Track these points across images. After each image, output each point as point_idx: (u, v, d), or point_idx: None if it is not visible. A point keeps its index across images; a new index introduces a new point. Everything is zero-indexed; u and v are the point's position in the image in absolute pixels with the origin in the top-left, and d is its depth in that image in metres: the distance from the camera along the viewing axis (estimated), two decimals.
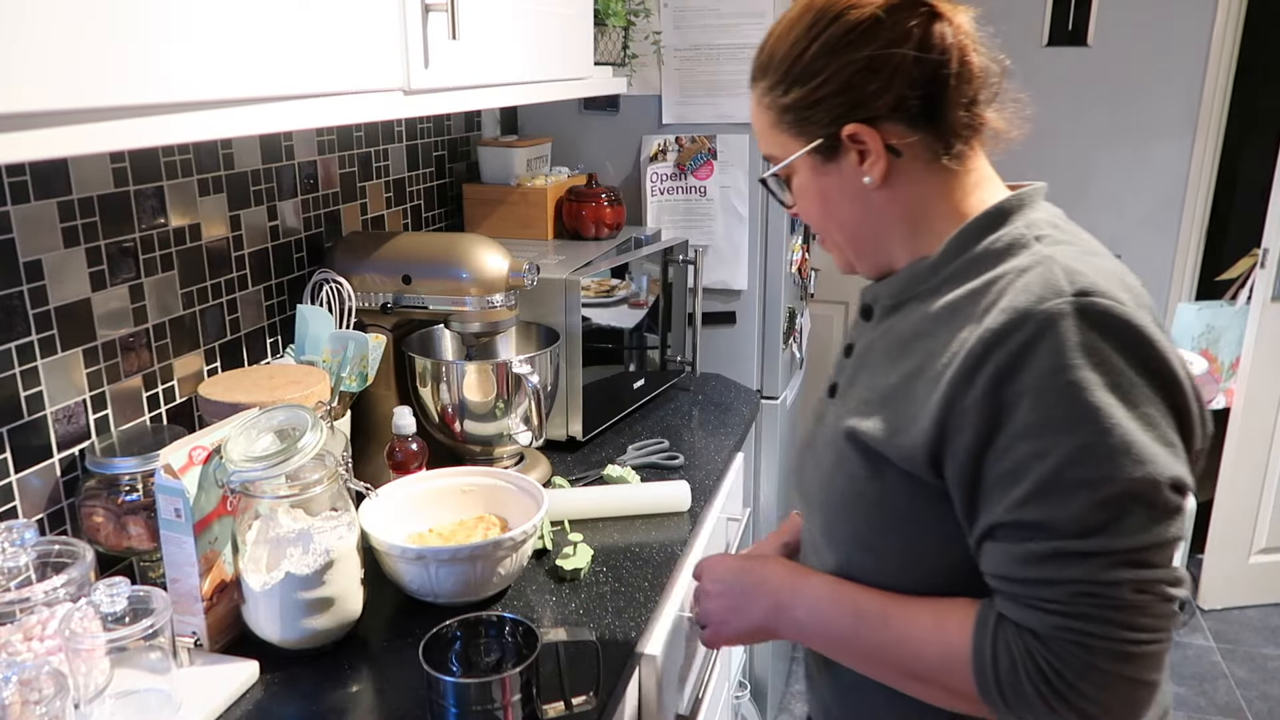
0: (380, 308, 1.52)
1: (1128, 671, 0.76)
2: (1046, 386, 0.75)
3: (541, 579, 1.31)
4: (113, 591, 0.96)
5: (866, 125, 0.87)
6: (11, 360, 1.09)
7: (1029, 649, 0.79)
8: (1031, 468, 0.76)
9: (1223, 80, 3.02)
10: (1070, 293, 0.77)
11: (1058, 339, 0.75)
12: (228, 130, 0.85)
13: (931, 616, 0.86)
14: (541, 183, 2.02)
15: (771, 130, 0.93)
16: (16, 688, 0.85)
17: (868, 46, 0.85)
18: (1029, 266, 0.82)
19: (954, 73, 0.87)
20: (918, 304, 0.90)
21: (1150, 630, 0.76)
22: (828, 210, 0.94)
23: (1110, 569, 0.75)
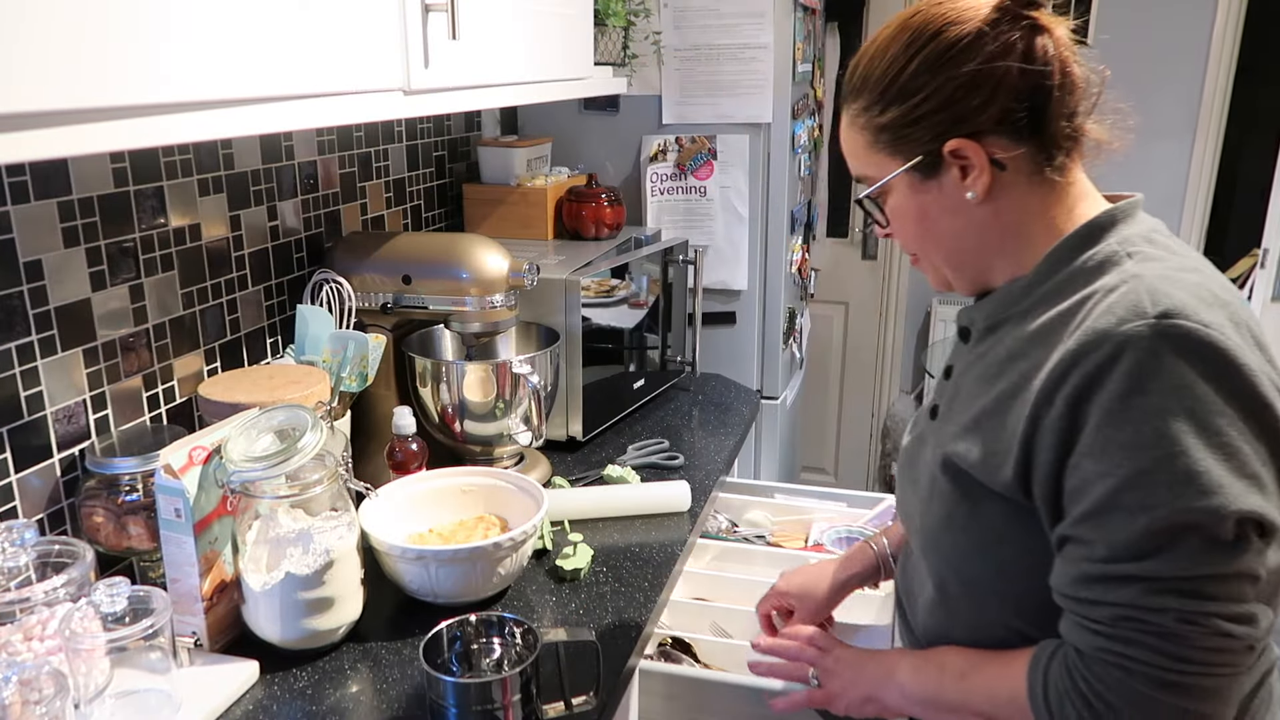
0: (380, 308, 1.52)
1: (1171, 699, 0.75)
2: (1116, 408, 0.75)
3: (541, 579, 1.31)
4: (113, 591, 0.96)
5: (970, 140, 0.86)
6: (11, 360, 1.09)
7: (1072, 672, 0.79)
8: (1093, 486, 0.76)
9: (1223, 80, 3.03)
10: (1152, 315, 0.75)
11: (1135, 360, 0.74)
12: (228, 130, 0.85)
13: (1003, 662, 0.88)
14: (541, 183, 2.02)
15: (867, 151, 0.92)
16: (16, 688, 0.85)
17: (970, 62, 0.84)
18: (1116, 286, 0.80)
19: (1056, 84, 0.87)
20: (1012, 325, 0.89)
21: (1198, 662, 0.74)
22: (926, 228, 0.92)
23: (1155, 595, 0.74)
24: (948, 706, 0.93)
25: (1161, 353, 0.74)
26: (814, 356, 3.36)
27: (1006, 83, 0.85)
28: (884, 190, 0.92)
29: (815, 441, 3.58)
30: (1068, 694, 0.79)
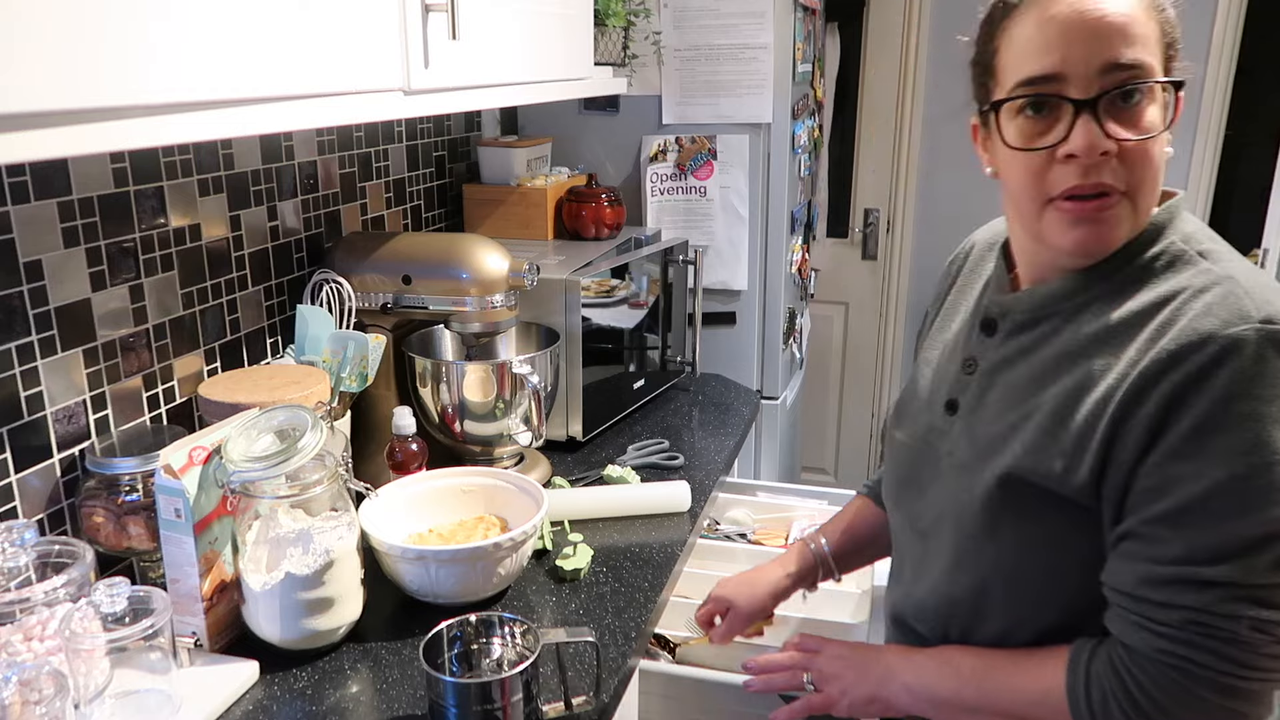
0: (380, 308, 1.52)
1: (1228, 703, 0.75)
2: (1218, 411, 0.73)
3: (541, 579, 1.31)
4: (113, 592, 0.96)
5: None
6: (11, 360, 1.09)
7: (1120, 672, 0.78)
8: (1181, 486, 0.74)
9: (1223, 80, 3.03)
10: (1257, 319, 0.74)
11: (1240, 365, 0.73)
12: (228, 130, 0.85)
13: (1036, 661, 0.86)
14: (541, 183, 2.02)
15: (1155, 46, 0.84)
16: (16, 688, 0.85)
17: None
18: (1207, 286, 0.78)
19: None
20: (1063, 321, 0.85)
21: (1259, 669, 0.74)
22: (1161, 162, 0.83)
23: (1231, 602, 0.73)
24: (965, 707, 0.91)
25: (1267, 358, 0.73)
26: (814, 356, 3.35)
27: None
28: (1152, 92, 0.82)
29: (815, 442, 3.58)
30: (1113, 694, 0.78)
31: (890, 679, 0.97)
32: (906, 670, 0.96)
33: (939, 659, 0.95)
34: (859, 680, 1.00)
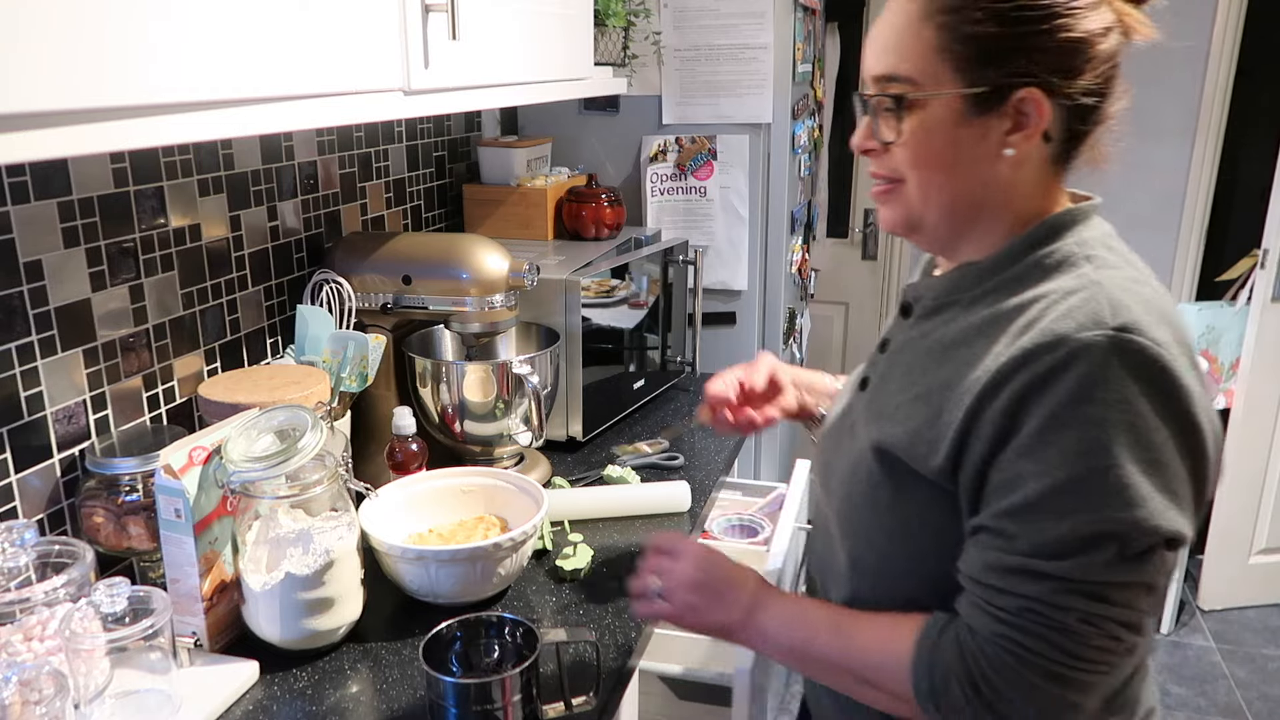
0: (380, 308, 1.52)
1: (1055, 690, 0.78)
2: (1063, 413, 0.75)
3: (541, 579, 1.31)
4: (113, 592, 0.96)
5: (1046, 97, 0.81)
6: (11, 360, 1.09)
7: (964, 654, 0.80)
8: (1025, 484, 0.77)
9: (1223, 80, 3.03)
10: (1111, 326, 0.76)
11: (1086, 370, 0.75)
12: (228, 131, 0.85)
13: (885, 627, 0.88)
14: (541, 183, 2.02)
15: (929, 52, 0.82)
16: (16, 688, 0.85)
17: (1089, 22, 0.80)
18: (1075, 290, 0.80)
19: (1116, 87, 0.85)
20: (960, 310, 0.88)
21: (1087, 660, 0.77)
22: (944, 163, 0.85)
23: (1064, 595, 0.76)
24: (811, 658, 0.91)
25: (1112, 365, 0.75)
26: (814, 356, 3.36)
27: (1099, 59, 0.82)
28: (920, 102, 0.83)
29: None
30: (954, 673, 0.80)
31: (747, 618, 0.95)
32: (761, 612, 0.95)
33: (797, 606, 0.95)
34: (710, 607, 0.97)
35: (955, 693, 0.80)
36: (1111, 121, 0.87)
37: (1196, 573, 3.10)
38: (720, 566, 0.99)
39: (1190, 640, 2.93)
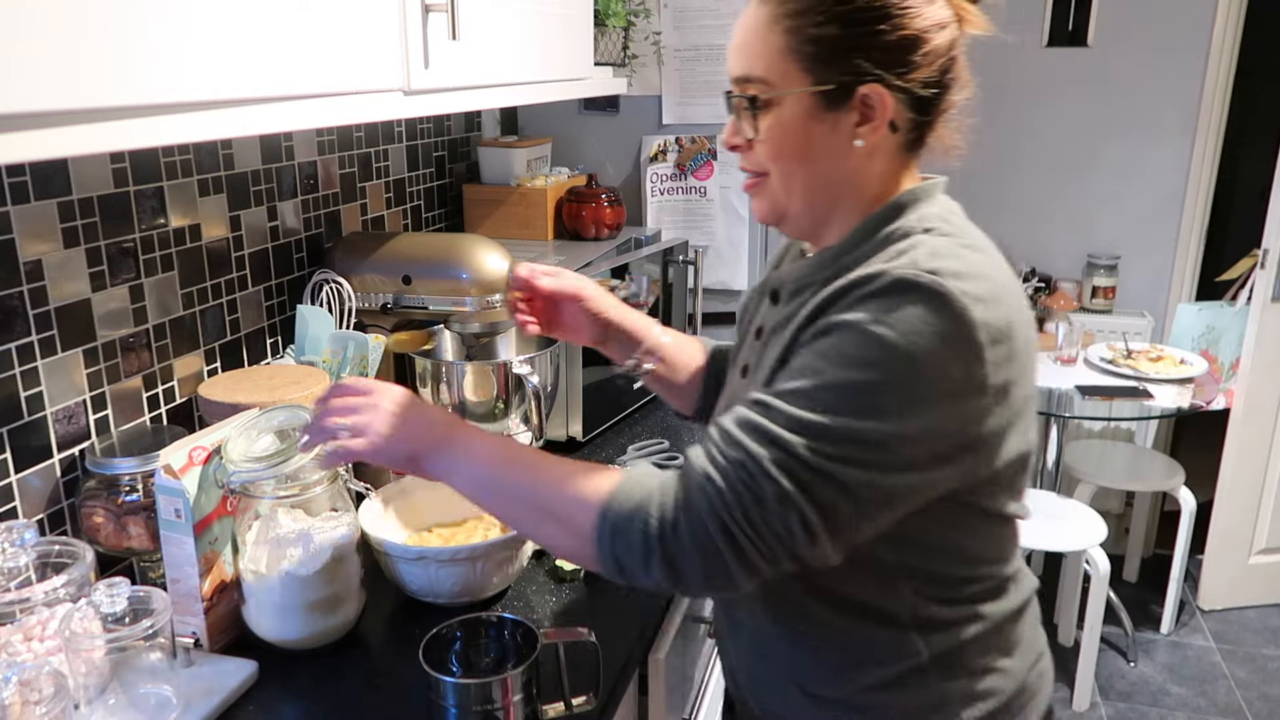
0: (380, 308, 1.52)
1: (725, 551, 0.80)
2: (857, 325, 0.80)
3: (541, 579, 1.31)
4: (113, 592, 0.96)
5: (888, 91, 0.86)
6: (11, 360, 1.09)
7: (663, 488, 0.83)
8: (804, 375, 0.82)
9: (1223, 80, 3.02)
10: (924, 268, 0.81)
11: (889, 298, 0.80)
12: (228, 131, 0.85)
13: (597, 469, 0.90)
14: (541, 183, 2.02)
15: (778, 55, 0.88)
16: (16, 688, 0.85)
17: (923, 19, 0.86)
18: (905, 250, 0.86)
19: (956, 77, 0.90)
20: (817, 289, 0.92)
21: (761, 536, 0.80)
22: (802, 158, 0.91)
23: (779, 466, 0.79)
24: (504, 489, 0.91)
25: (914, 298, 0.79)
26: None
27: (937, 52, 0.87)
28: (774, 101, 0.89)
29: None
30: (646, 508, 0.82)
31: (437, 447, 0.93)
32: (457, 440, 0.94)
33: (497, 439, 0.95)
34: (400, 436, 0.94)
35: (636, 524, 0.82)
36: (954, 111, 0.92)
37: (1196, 573, 3.10)
38: (411, 398, 0.98)
39: (1190, 640, 2.93)
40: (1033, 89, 3.20)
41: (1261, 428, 2.90)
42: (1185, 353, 2.87)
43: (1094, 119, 3.17)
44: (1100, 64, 3.11)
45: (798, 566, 0.83)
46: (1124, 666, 2.80)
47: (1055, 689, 2.78)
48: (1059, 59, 3.16)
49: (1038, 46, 3.17)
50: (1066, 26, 3.12)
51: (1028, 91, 3.21)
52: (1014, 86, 3.21)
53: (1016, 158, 3.27)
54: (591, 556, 0.85)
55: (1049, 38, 3.15)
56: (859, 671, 0.93)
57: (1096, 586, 2.49)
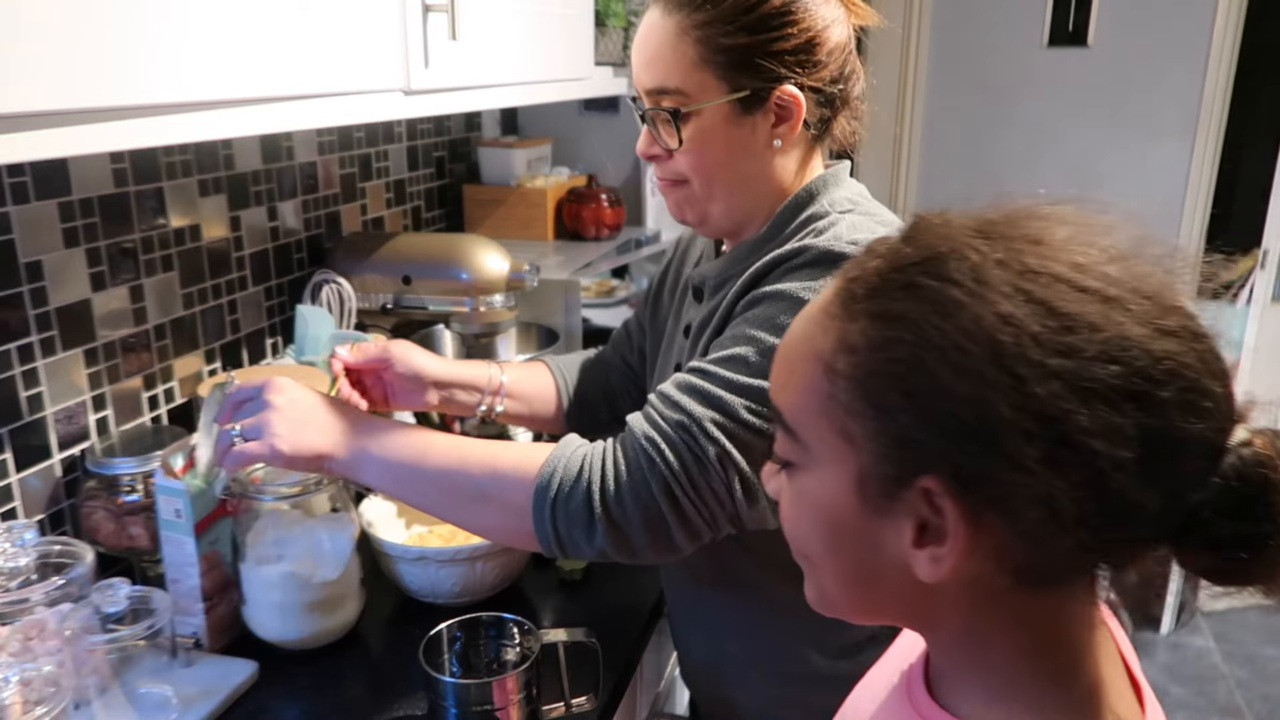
0: (380, 308, 1.52)
1: (667, 512, 0.82)
2: (786, 295, 0.83)
3: (541, 579, 1.31)
4: (113, 592, 0.96)
5: (799, 91, 0.89)
6: (12, 361, 1.09)
7: (604, 454, 0.84)
8: (736, 343, 0.84)
9: (1223, 80, 3.02)
10: (845, 240, 0.85)
11: (815, 268, 0.84)
12: (229, 130, 0.85)
13: (510, 446, 0.90)
14: (541, 183, 2.02)
15: (691, 66, 0.88)
16: (16, 688, 0.85)
17: (823, 18, 0.89)
18: (824, 229, 0.89)
19: (854, 70, 0.94)
20: (734, 283, 0.93)
21: (701, 496, 0.81)
22: (724, 163, 0.92)
23: (719, 428, 0.81)
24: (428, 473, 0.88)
25: (832, 267, 0.83)
26: None
27: (840, 49, 0.91)
28: (693, 111, 0.90)
29: None
30: (587, 473, 0.83)
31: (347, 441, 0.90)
32: (366, 435, 0.90)
33: (410, 428, 0.92)
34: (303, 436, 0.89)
35: (578, 503, 0.82)
36: (855, 103, 0.96)
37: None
38: (310, 394, 0.93)
39: (1190, 640, 2.93)
40: (1033, 89, 3.20)
41: None
42: None
43: (1094, 119, 3.17)
44: (1100, 64, 3.11)
45: (736, 529, 0.84)
46: None
47: None
48: (1059, 59, 3.16)
49: (1038, 46, 3.17)
50: (1066, 26, 3.12)
51: (1028, 91, 3.21)
52: (1014, 86, 3.21)
53: (1016, 158, 3.27)
54: (529, 534, 0.85)
55: (1049, 37, 3.15)
56: (825, 638, 0.95)
57: None
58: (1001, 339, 0.45)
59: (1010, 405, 0.45)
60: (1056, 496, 0.45)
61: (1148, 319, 0.46)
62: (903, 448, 0.48)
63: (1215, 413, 0.47)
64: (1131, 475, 0.44)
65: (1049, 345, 0.44)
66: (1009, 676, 0.52)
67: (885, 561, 0.51)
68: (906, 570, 0.50)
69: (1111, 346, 0.45)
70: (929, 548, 0.49)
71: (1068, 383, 0.44)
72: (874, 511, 0.50)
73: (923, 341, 0.46)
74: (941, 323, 0.46)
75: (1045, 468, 0.44)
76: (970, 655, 0.54)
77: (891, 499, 0.49)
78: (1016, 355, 0.44)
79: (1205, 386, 0.46)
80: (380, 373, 1.08)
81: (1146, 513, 0.46)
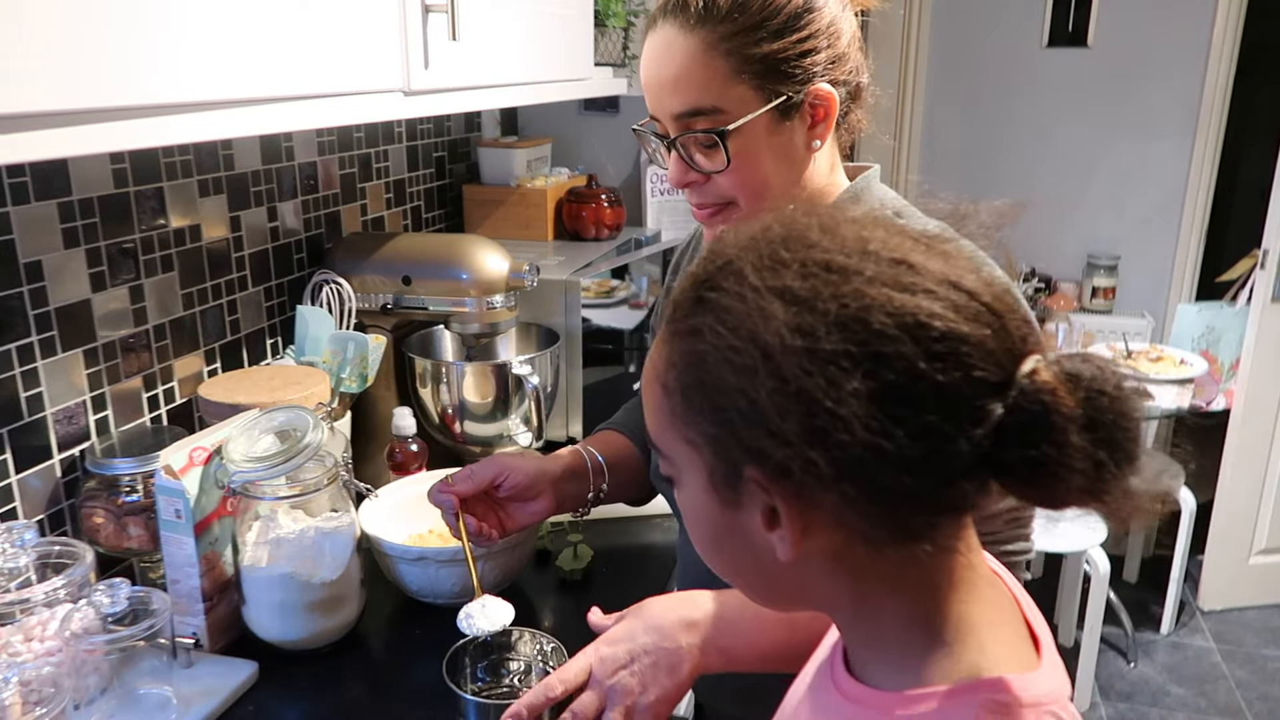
0: (380, 308, 1.52)
1: None
2: None
3: (542, 580, 1.31)
4: (113, 592, 0.96)
5: (830, 87, 0.87)
6: (12, 361, 1.09)
7: None
8: None
9: (1223, 80, 3.02)
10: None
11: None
12: (228, 131, 0.85)
13: None
14: (541, 184, 2.02)
15: (726, 81, 0.85)
16: (16, 688, 0.85)
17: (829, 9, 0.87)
18: None
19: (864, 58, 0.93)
20: None
21: None
22: (769, 173, 0.89)
23: None
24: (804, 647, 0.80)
25: None
26: None
27: (853, 40, 0.89)
28: (735, 129, 0.86)
29: None
30: None
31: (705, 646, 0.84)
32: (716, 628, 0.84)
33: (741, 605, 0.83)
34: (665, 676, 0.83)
35: None
36: (865, 93, 0.95)
37: (1196, 573, 3.10)
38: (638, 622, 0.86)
39: (1190, 640, 2.93)
40: (1033, 89, 3.20)
41: (1261, 428, 2.90)
42: (1185, 353, 2.87)
43: (1094, 119, 3.17)
44: (1100, 64, 3.11)
45: None
46: (1124, 667, 2.80)
47: None
48: (1059, 59, 3.16)
49: (1038, 46, 3.17)
50: (1066, 26, 3.12)
51: (1028, 91, 3.21)
52: (1014, 86, 3.21)
53: (1016, 158, 3.27)
54: None
55: (1049, 37, 3.15)
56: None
57: (1096, 587, 2.49)
58: (759, 331, 0.50)
59: (768, 390, 0.49)
60: (837, 463, 0.48)
61: (888, 281, 0.50)
62: (723, 445, 0.53)
63: (980, 355, 0.49)
64: (887, 430, 0.48)
65: (793, 327, 0.49)
66: (902, 641, 0.55)
67: (759, 552, 0.55)
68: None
69: (844, 316, 0.49)
70: (777, 530, 0.53)
71: (807, 357, 0.48)
72: (731, 506, 0.55)
73: (710, 348, 0.52)
74: (720, 328, 0.51)
75: (808, 439, 0.48)
76: (870, 628, 0.57)
77: (737, 492, 0.54)
78: (770, 343, 0.49)
79: (961, 334, 0.49)
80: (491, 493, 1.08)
81: (934, 459, 0.49)
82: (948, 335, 0.49)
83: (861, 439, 0.47)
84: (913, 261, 0.51)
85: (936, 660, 0.54)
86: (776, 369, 0.49)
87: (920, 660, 0.54)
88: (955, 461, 0.49)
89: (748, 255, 0.53)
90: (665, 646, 0.84)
